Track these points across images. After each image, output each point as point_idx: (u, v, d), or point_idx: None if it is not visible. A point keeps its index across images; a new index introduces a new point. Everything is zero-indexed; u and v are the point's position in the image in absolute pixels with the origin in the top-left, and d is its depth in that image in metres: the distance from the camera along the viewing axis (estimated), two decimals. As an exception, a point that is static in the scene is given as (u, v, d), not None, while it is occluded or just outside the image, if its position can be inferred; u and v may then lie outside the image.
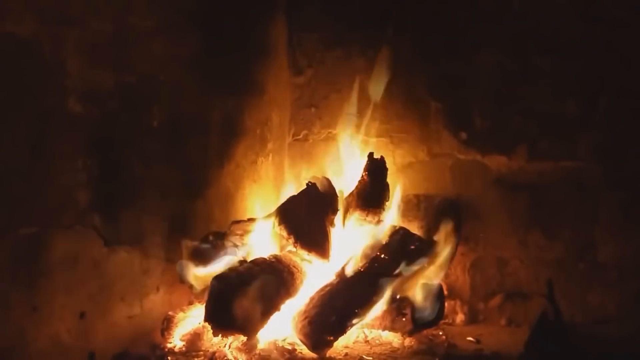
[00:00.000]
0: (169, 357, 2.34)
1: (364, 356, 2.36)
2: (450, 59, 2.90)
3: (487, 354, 2.40)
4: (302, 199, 2.63)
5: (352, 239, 2.72)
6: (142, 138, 2.48)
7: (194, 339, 2.41)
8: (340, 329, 2.38)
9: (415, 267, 2.57)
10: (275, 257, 2.52)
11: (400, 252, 2.56)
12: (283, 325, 2.42)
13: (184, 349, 2.39)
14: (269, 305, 2.35)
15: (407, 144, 3.01)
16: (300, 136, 3.21)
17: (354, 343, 2.48)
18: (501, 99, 2.84)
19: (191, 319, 2.49)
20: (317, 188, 2.65)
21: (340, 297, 2.42)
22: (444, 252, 2.63)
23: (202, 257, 2.54)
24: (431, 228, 2.72)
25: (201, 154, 2.76)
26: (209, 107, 2.79)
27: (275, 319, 2.36)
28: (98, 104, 2.27)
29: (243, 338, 2.31)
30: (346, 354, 2.38)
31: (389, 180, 2.78)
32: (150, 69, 2.49)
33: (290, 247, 2.58)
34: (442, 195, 2.86)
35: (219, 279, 2.30)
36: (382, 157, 2.77)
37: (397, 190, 2.80)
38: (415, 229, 2.73)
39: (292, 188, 2.91)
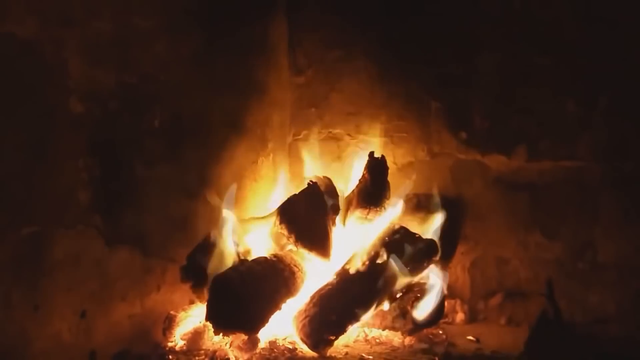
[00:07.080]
0: (169, 356, 2.35)
1: (364, 355, 2.37)
2: (450, 59, 2.91)
3: (487, 353, 2.41)
4: (303, 198, 2.63)
5: (353, 238, 2.73)
6: (144, 138, 2.48)
7: (195, 338, 2.42)
8: (341, 328, 2.39)
9: (415, 266, 2.58)
10: (276, 256, 2.53)
11: (400, 251, 2.56)
12: (284, 324, 2.42)
13: (184, 348, 2.40)
14: (270, 304, 2.35)
15: (407, 143, 3.02)
16: (301, 136, 3.21)
17: (354, 342, 2.50)
18: (501, 98, 2.84)
19: (192, 318, 2.50)
20: (318, 187, 2.65)
21: (341, 296, 2.43)
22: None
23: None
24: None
25: (202, 154, 2.76)
26: (210, 107, 2.79)
27: (276, 318, 2.37)
28: (99, 104, 2.27)
29: (244, 337, 2.31)
30: (346, 353, 2.39)
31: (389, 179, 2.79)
32: (151, 69, 2.49)
33: (291, 246, 2.59)
34: (439, 194, 2.86)
35: (220, 278, 2.31)
36: (382, 156, 2.77)
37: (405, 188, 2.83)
38: (415, 227, 2.73)
39: (293, 187, 2.91)
